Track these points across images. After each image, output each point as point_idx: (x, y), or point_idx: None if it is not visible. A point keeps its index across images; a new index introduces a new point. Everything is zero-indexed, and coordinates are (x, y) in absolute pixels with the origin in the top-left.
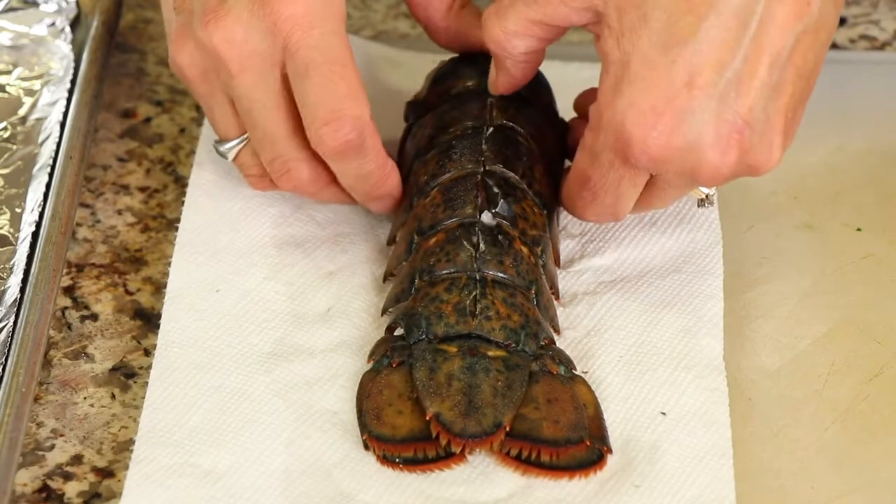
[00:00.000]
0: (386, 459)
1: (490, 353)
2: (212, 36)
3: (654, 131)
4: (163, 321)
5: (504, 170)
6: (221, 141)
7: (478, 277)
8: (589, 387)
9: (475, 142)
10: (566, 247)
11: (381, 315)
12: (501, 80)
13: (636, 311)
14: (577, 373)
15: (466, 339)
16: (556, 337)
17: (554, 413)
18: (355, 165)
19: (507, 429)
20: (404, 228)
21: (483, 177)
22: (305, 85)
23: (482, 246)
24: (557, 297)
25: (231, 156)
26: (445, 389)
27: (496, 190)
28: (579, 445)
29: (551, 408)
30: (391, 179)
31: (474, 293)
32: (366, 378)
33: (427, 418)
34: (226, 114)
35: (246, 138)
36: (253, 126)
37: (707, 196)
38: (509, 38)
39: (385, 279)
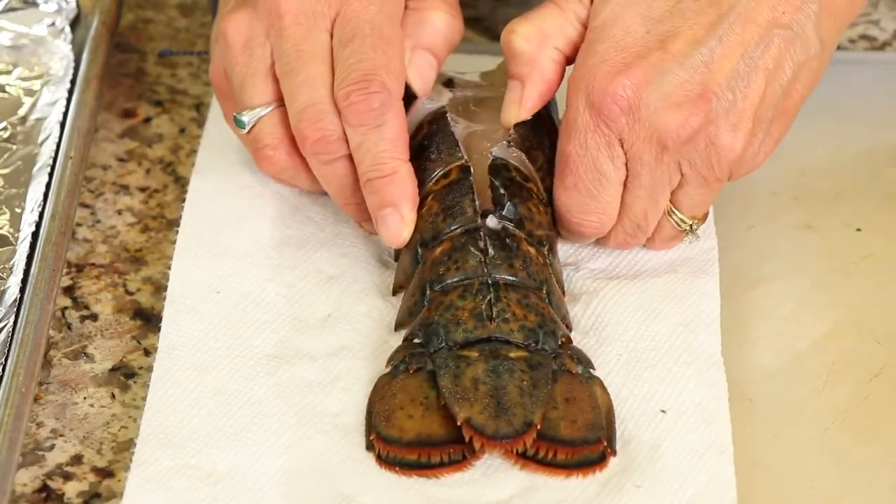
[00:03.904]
0: (384, 461)
1: (512, 355)
2: None
3: (625, 79)
4: (163, 323)
5: (524, 159)
6: (243, 111)
7: (490, 282)
8: (605, 388)
9: (446, 133)
10: (560, 248)
11: (395, 331)
12: (530, 96)
13: (633, 308)
14: (594, 373)
15: (486, 343)
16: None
17: (572, 413)
18: (372, 139)
19: (538, 427)
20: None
21: (490, 175)
22: (347, 49)
23: (490, 251)
24: (563, 294)
25: (251, 123)
26: (473, 394)
27: (502, 191)
28: (596, 445)
29: (569, 407)
30: (402, 180)
31: (489, 297)
32: (381, 381)
33: (458, 423)
34: (258, 81)
35: (270, 108)
36: (295, 74)
37: (691, 227)
38: (540, 49)
39: (394, 293)
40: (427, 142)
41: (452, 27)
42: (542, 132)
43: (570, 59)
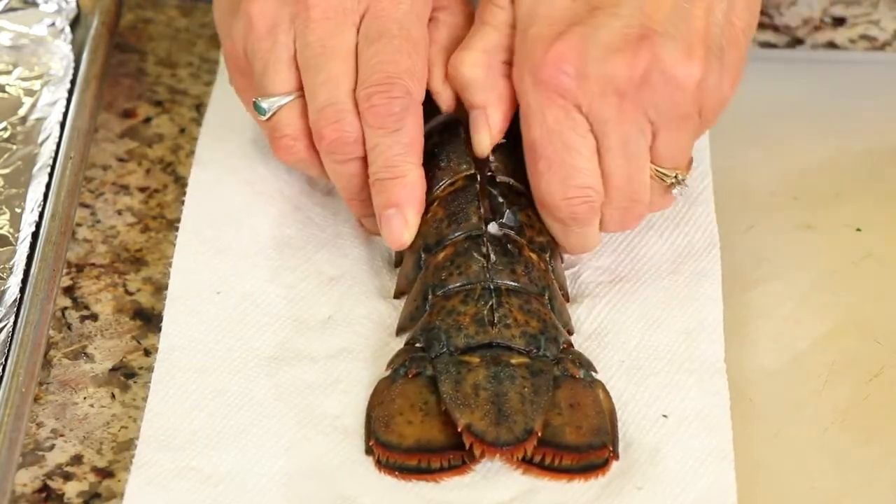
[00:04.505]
0: (383, 466)
1: (513, 361)
2: None
3: (561, 45)
4: (164, 323)
5: (512, 181)
6: (264, 97)
7: (492, 287)
8: (607, 391)
9: (458, 143)
10: None
11: (397, 335)
12: (496, 120)
13: (636, 313)
14: (596, 376)
15: (488, 348)
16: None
17: (576, 418)
18: (388, 142)
19: (539, 434)
20: (409, 247)
21: (487, 186)
22: (372, 49)
23: (493, 256)
24: (567, 299)
25: (272, 111)
26: (473, 400)
27: (501, 199)
28: (601, 451)
29: (574, 413)
30: (411, 183)
31: (490, 303)
32: (381, 385)
33: (459, 430)
34: (281, 69)
35: (292, 97)
36: (318, 70)
37: (677, 178)
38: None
39: (397, 297)
40: (437, 150)
41: None
42: (522, 149)
43: None
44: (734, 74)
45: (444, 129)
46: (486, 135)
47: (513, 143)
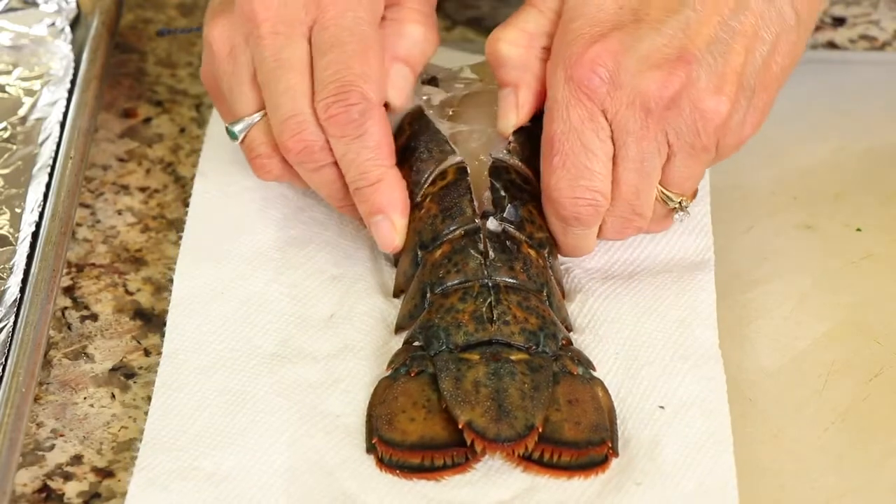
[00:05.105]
0: (386, 464)
1: (513, 357)
2: (251, 1)
3: (600, 48)
4: (167, 327)
5: (522, 166)
6: (234, 121)
7: (490, 284)
8: (606, 389)
9: (431, 131)
10: None
11: (396, 333)
12: (526, 100)
13: (629, 305)
14: (595, 374)
15: (487, 345)
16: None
17: (575, 414)
18: (355, 149)
19: (540, 430)
20: (405, 244)
21: (490, 177)
22: (325, 60)
23: (491, 253)
24: (563, 296)
25: (243, 133)
26: (474, 396)
27: (503, 193)
28: (600, 447)
29: (572, 409)
30: (389, 187)
31: (489, 300)
32: (382, 384)
33: (459, 427)
34: (245, 90)
35: (259, 116)
36: (276, 83)
37: (681, 204)
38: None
39: (395, 296)
40: (413, 143)
41: (429, 39)
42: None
43: None
44: (759, 117)
45: (413, 121)
46: (513, 115)
47: (536, 130)
